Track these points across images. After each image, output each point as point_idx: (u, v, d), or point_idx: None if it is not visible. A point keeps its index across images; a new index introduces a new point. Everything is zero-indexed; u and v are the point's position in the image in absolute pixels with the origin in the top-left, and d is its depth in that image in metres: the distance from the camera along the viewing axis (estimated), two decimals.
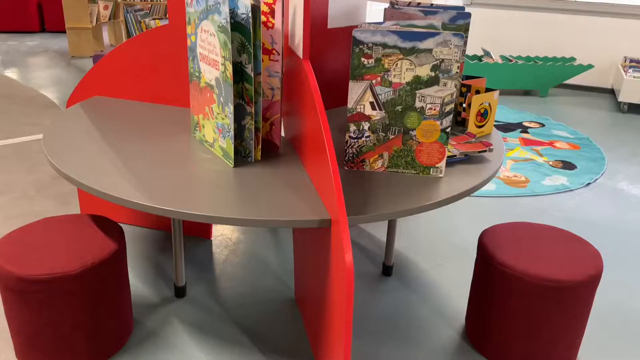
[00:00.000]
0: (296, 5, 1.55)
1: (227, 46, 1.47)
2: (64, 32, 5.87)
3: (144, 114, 2.01)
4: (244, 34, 1.50)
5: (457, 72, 1.47)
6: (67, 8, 5.75)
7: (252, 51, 1.50)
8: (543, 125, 4.24)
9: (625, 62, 4.95)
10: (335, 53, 2.04)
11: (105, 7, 6.01)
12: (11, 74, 5.17)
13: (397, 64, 1.47)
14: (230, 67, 1.48)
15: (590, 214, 2.83)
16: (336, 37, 2.01)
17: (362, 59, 1.48)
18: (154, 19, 6.44)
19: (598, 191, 3.10)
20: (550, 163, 3.48)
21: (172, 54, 2.03)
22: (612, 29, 5.05)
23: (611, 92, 5.22)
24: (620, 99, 4.59)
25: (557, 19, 5.20)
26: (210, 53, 1.58)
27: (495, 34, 5.40)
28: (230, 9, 1.48)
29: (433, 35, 1.44)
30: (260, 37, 1.50)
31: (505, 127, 4.15)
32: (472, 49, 5.44)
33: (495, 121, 4.27)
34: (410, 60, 1.47)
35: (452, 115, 1.53)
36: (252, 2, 1.45)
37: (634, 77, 4.56)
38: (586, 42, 5.16)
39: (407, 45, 1.45)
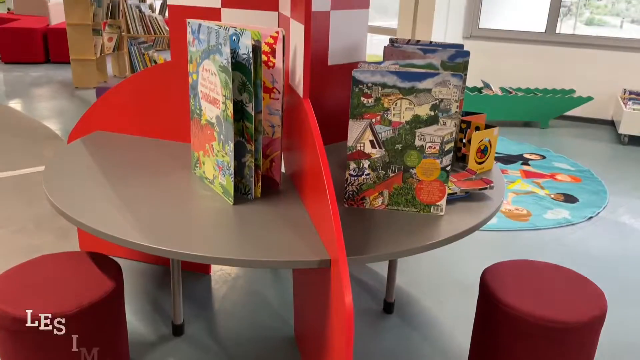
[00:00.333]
0: (297, 45, 1.56)
1: (228, 85, 1.48)
2: (69, 63, 5.92)
3: (145, 149, 2.01)
4: (245, 73, 1.51)
5: (456, 112, 1.48)
6: (71, 40, 5.83)
7: (252, 90, 1.51)
8: (544, 157, 4.24)
9: (624, 94, 4.98)
10: (336, 88, 2.05)
11: (110, 39, 6.10)
12: (15, 104, 5.21)
13: (396, 103, 1.48)
14: (231, 106, 1.49)
15: (593, 248, 2.81)
16: (337, 73, 2.02)
17: (362, 98, 1.48)
18: (157, 50, 6.52)
19: (600, 225, 3.08)
20: (552, 196, 3.47)
21: (174, 90, 2.05)
22: (612, 62, 5.10)
23: (611, 124, 5.24)
24: (621, 131, 4.60)
25: (556, 52, 5.26)
26: (211, 91, 1.59)
27: (494, 66, 5.44)
28: (231, 49, 1.49)
29: (432, 75, 1.45)
30: (261, 77, 1.51)
31: (506, 159, 4.15)
32: (472, 80, 5.49)
33: (496, 153, 4.27)
34: (409, 99, 1.47)
35: (452, 154, 1.52)
36: (253, 43, 1.47)
37: (634, 109, 4.58)
38: (586, 74, 5.19)
39: (407, 85, 1.46)
